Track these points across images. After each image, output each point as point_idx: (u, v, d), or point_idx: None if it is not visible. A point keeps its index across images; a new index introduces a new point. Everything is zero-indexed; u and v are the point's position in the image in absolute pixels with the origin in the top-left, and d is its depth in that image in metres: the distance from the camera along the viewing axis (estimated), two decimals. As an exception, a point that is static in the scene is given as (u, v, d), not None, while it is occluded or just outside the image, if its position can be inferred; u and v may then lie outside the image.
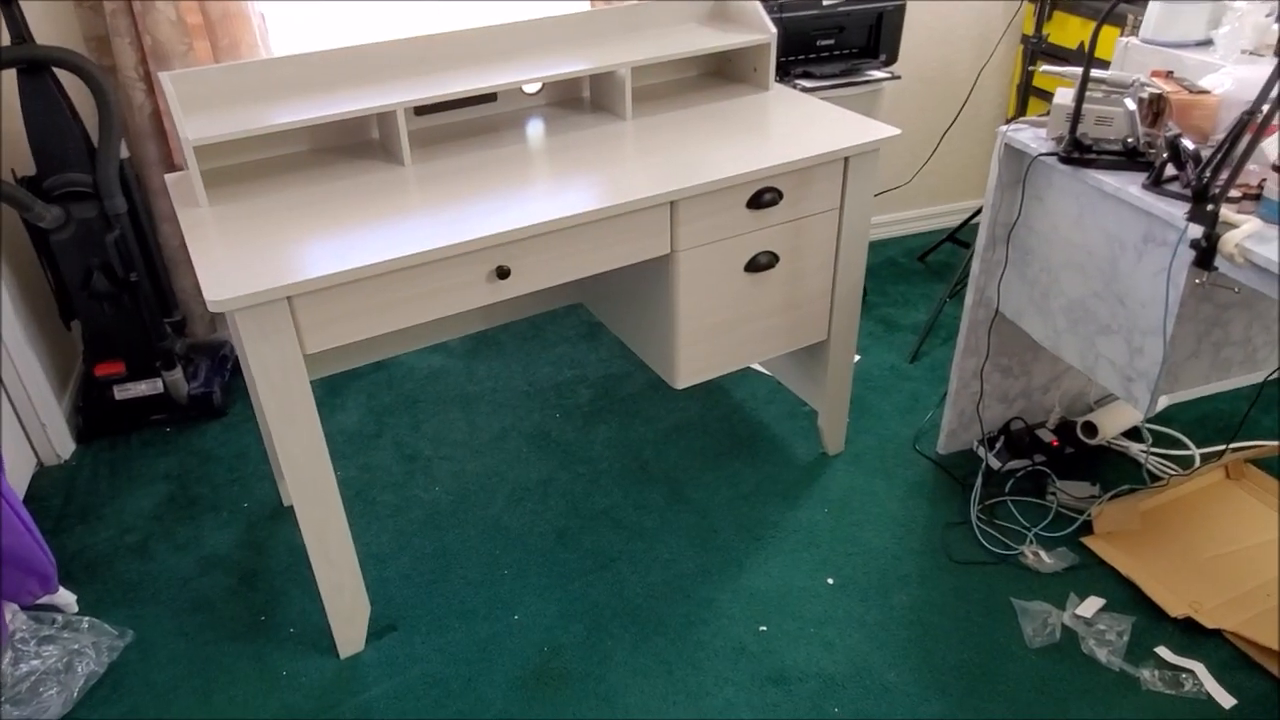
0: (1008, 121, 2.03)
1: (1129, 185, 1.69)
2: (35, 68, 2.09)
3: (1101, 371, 1.88)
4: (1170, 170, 1.67)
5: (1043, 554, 2.04)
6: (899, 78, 2.59)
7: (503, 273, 1.63)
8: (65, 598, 1.92)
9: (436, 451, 2.44)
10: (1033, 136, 1.91)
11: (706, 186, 1.75)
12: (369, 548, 2.13)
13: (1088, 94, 1.79)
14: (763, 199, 1.86)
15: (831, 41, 2.57)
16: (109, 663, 1.84)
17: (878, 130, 1.95)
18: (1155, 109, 1.82)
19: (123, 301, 2.35)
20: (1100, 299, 1.84)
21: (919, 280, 3.18)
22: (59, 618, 1.89)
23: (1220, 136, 1.59)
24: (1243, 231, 1.48)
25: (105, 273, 2.29)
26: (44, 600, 1.89)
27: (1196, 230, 1.54)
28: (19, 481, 2.29)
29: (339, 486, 2.31)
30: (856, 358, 2.76)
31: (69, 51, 2.07)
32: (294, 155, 1.93)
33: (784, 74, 2.54)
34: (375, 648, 1.89)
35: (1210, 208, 1.49)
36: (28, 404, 2.34)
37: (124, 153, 2.30)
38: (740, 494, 2.26)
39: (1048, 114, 1.90)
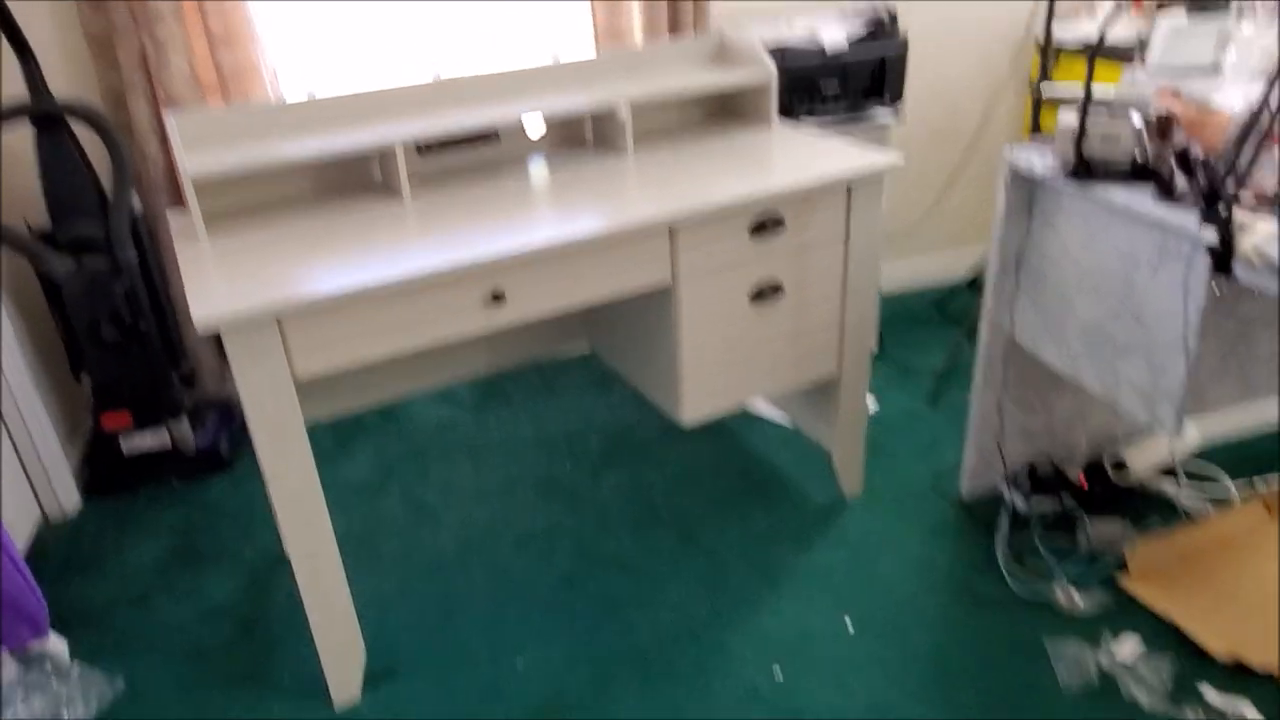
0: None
1: (1139, 199, 1.65)
2: (51, 120, 2.14)
3: (1124, 395, 1.81)
4: (1181, 184, 1.63)
5: (1075, 594, 1.93)
6: (904, 119, 2.59)
7: (499, 297, 1.61)
8: (56, 645, 1.87)
9: (443, 500, 2.39)
10: (1038, 159, 1.88)
11: (706, 211, 1.73)
12: (371, 595, 2.07)
13: (1094, 115, 1.76)
14: (765, 226, 1.84)
15: (835, 85, 2.58)
16: (98, 711, 1.78)
17: (881, 158, 1.93)
18: (1163, 128, 1.78)
19: (131, 351, 2.36)
20: (1117, 319, 1.78)
21: (936, 327, 3.13)
22: (48, 665, 1.83)
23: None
24: (1260, 233, 1.42)
25: (114, 322, 2.30)
26: (34, 647, 1.84)
27: (1212, 237, 1.49)
28: (22, 536, 2.26)
29: (343, 536, 2.26)
30: (873, 403, 2.70)
31: (84, 104, 2.12)
32: (296, 195, 1.94)
33: (788, 116, 2.54)
34: (373, 695, 1.81)
35: (1223, 209, 1.45)
36: (35, 457, 2.33)
37: (136, 205, 2.34)
38: (753, 537, 2.18)
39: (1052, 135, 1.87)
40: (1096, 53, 1.72)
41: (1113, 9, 2.86)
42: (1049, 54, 2.64)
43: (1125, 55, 2.61)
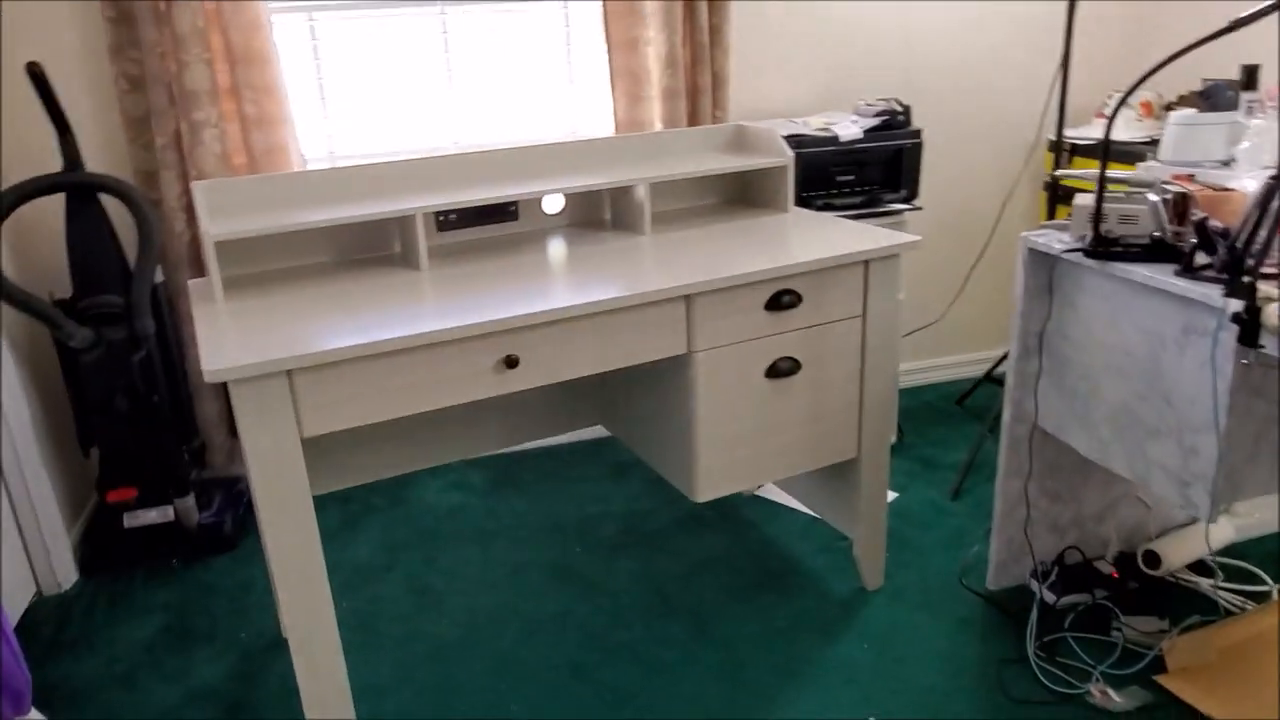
0: (1031, 231, 2.01)
1: (1161, 276, 1.63)
2: (84, 193, 2.19)
3: (1155, 479, 1.74)
4: (1202, 259, 1.61)
5: (1111, 693, 1.82)
6: (920, 208, 2.61)
7: (511, 362, 1.59)
8: (36, 722, 1.78)
9: (449, 585, 2.31)
10: (1056, 239, 1.88)
11: (722, 282, 1.73)
12: (367, 680, 1.97)
13: (1110, 195, 1.77)
14: (781, 300, 1.83)
15: (851, 177, 2.63)
16: (71, 797, 1.67)
17: (897, 237, 1.93)
18: (1180, 207, 1.78)
19: (142, 424, 2.34)
20: (1145, 400, 1.73)
21: (957, 422, 3.08)
22: (25, 744, 1.74)
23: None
24: (1288, 303, 1.39)
25: (128, 393, 2.29)
26: (13, 725, 1.75)
27: (1238, 306, 1.46)
28: (15, 608, 2.19)
29: (343, 618, 2.18)
30: (893, 495, 2.62)
31: (116, 179, 2.18)
32: (315, 265, 1.96)
33: (805, 206, 2.57)
34: (362, 786, 1.70)
35: (1247, 279, 1.42)
36: (35, 530, 2.28)
37: (159, 277, 2.36)
38: (771, 629, 2.08)
39: (1069, 218, 1.87)
40: (1111, 126, 1.74)
41: (1127, 111, 2.93)
42: (1062, 153, 2.68)
43: (1138, 156, 2.65)
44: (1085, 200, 1.82)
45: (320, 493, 2.16)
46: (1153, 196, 1.71)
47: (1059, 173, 2.44)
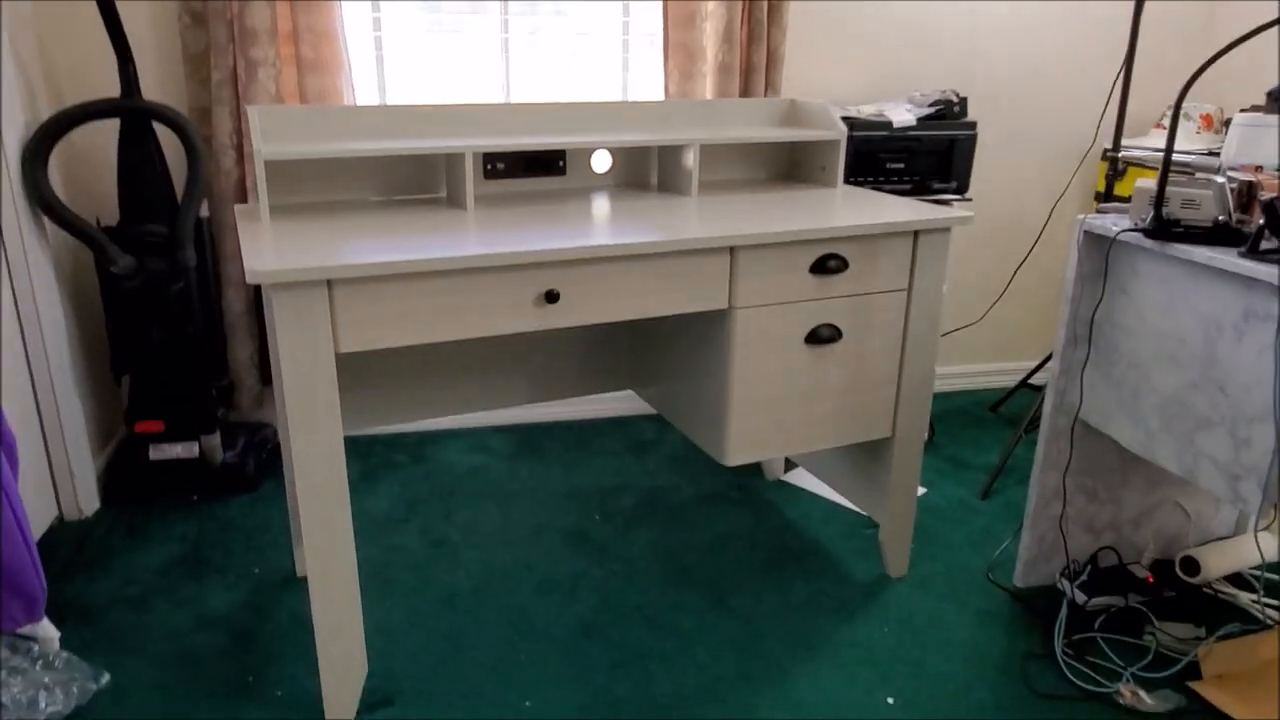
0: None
1: (1223, 256, 1.58)
2: (138, 120, 2.21)
3: (1203, 473, 1.68)
4: (1268, 243, 1.56)
5: (1142, 693, 1.75)
6: (970, 199, 2.57)
7: (552, 296, 1.57)
8: (47, 631, 1.77)
9: (465, 539, 2.28)
10: (1113, 223, 1.83)
11: (768, 237, 1.70)
12: (379, 622, 1.95)
13: (1172, 181, 1.72)
14: (827, 264, 1.79)
15: (901, 164, 2.59)
16: (76, 705, 1.66)
17: (949, 211, 1.89)
18: (1246, 195, 1.73)
19: (174, 357, 2.34)
20: (1197, 390, 1.68)
21: (990, 426, 3.02)
22: (34, 649, 1.73)
23: (1323, 202, 1.49)
24: (1361, 282, 1.34)
25: (163, 325, 2.30)
26: (25, 630, 1.74)
27: (1306, 287, 1.41)
28: (34, 529, 2.19)
29: (359, 564, 2.16)
30: (923, 490, 2.57)
31: (170, 109, 2.19)
32: (362, 201, 1.95)
33: (853, 190, 2.54)
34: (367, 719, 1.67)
35: (1321, 255, 1.37)
36: (62, 453, 2.29)
37: (204, 212, 2.37)
38: (790, 605, 2.04)
39: (1129, 200, 1.83)
40: (1176, 117, 1.69)
41: (1186, 123, 2.87)
42: (1117, 163, 2.62)
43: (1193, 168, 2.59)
44: (1147, 183, 1.78)
45: (347, 432, 2.14)
46: (1219, 179, 1.66)
47: (1124, 155, 2.38)
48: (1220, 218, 1.65)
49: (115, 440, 2.57)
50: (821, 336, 1.85)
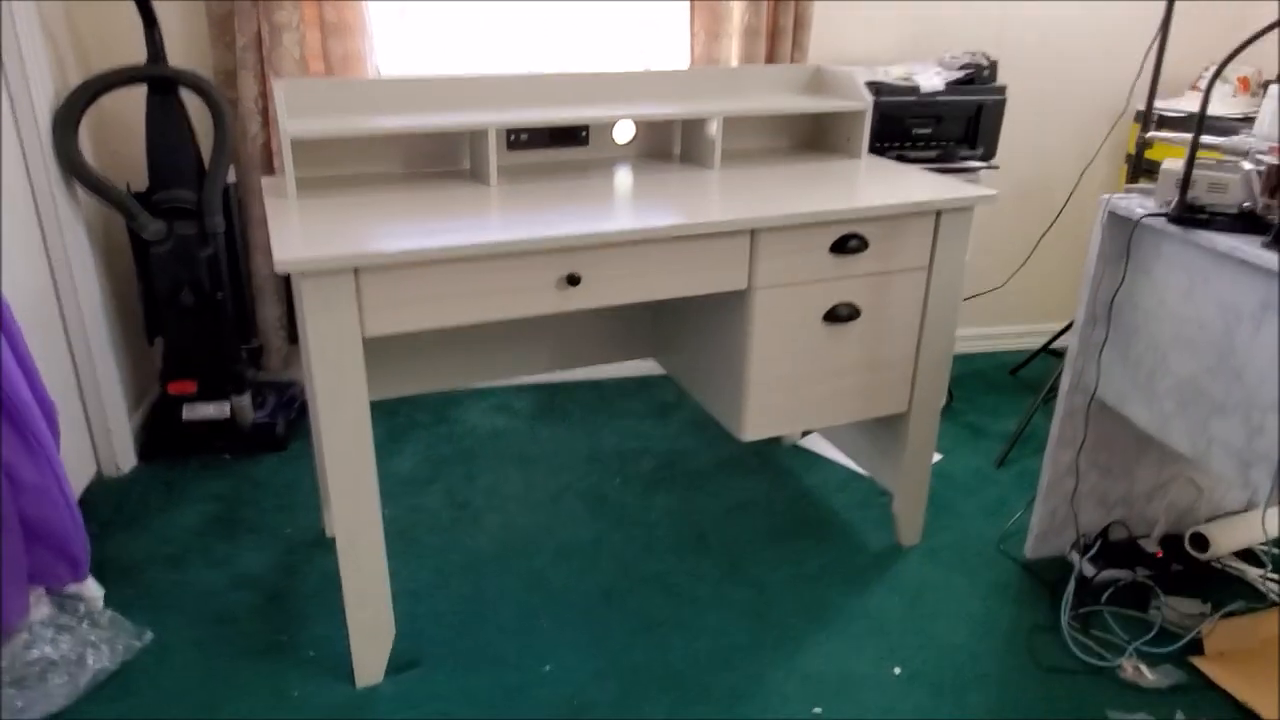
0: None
1: (1247, 246, 1.57)
2: (165, 87, 2.22)
3: (1215, 457, 1.70)
4: (1294, 234, 1.55)
5: (1144, 669, 1.80)
6: (996, 167, 2.54)
7: (573, 280, 1.59)
8: (92, 590, 1.86)
9: (487, 502, 2.35)
10: (1138, 204, 1.82)
11: (789, 219, 1.70)
12: (405, 583, 2.02)
13: (1200, 162, 1.70)
14: (847, 244, 1.80)
15: (928, 130, 2.56)
16: (122, 661, 1.75)
17: (973, 189, 1.89)
18: (1274, 181, 1.71)
19: (205, 320, 2.40)
20: (1213, 376, 1.68)
21: (1009, 392, 3.02)
22: (81, 608, 1.82)
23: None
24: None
25: (194, 288, 2.35)
26: (70, 589, 1.83)
27: (1327, 283, 1.41)
28: (74, 486, 2.28)
29: (385, 525, 2.23)
30: (938, 456, 2.60)
31: (197, 75, 2.21)
32: (385, 174, 1.97)
33: (877, 155, 2.52)
34: (394, 681, 1.75)
35: (1344, 253, 1.36)
36: (100, 412, 2.37)
37: (231, 177, 2.40)
38: (803, 574, 2.09)
39: (1155, 183, 1.81)
40: (1208, 96, 1.66)
41: (1222, 86, 2.80)
42: (1150, 125, 2.57)
43: (1231, 133, 2.54)
44: (1174, 165, 1.76)
45: (372, 398, 2.20)
46: (1246, 165, 1.64)
47: (1151, 135, 2.34)
48: (1246, 204, 1.64)
49: (149, 399, 2.65)
50: (840, 315, 1.86)
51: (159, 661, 1.78)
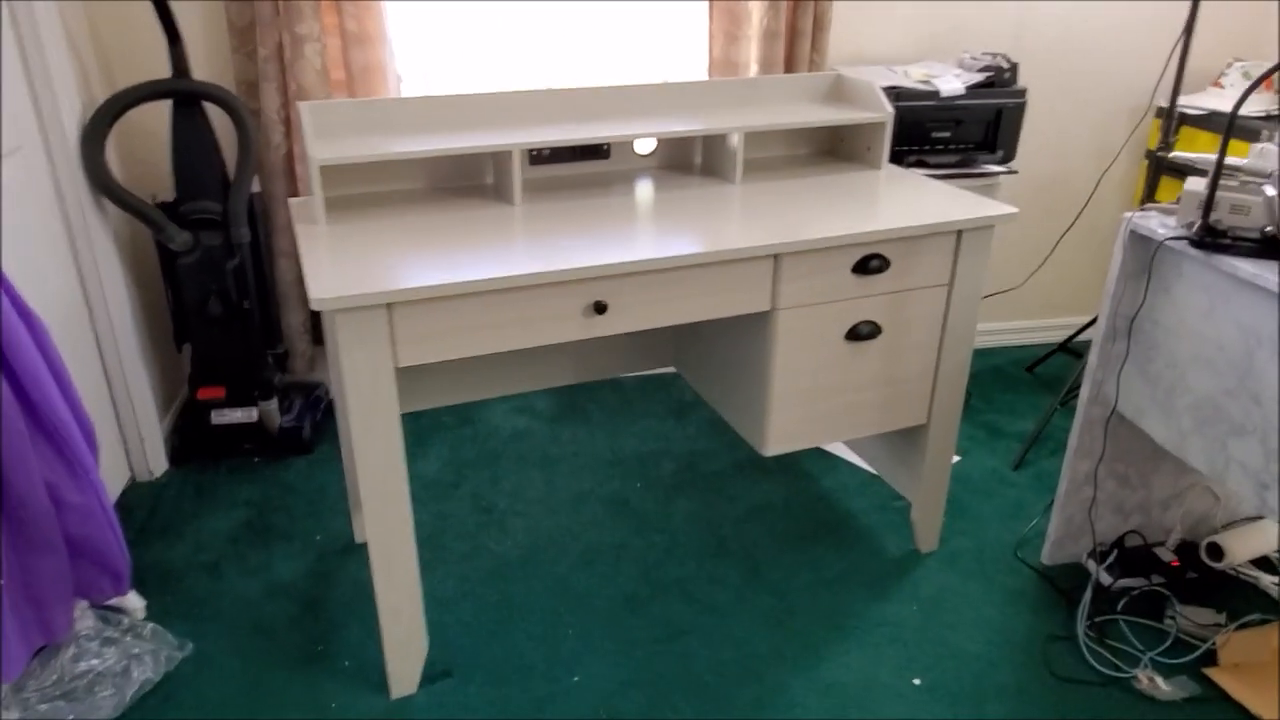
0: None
1: (1267, 273, 1.58)
2: (189, 100, 2.25)
3: (1233, 477, 1.72)
4: (1316, 260, 1.56)
5: (1159, 680, 1.84)
6: (1015, 172, 2.54)
7: (600, 308, 1.62)
8: (134, 601, 1.92)
9: (512, 506, 2.40)
10: (1160, 224, 1.82)
11: (811, 244, 1.72)
12: (434, 591, 2.08)
13: (1222, 184, 1.70)
14: (869, 265, 1.82)
15: (948, 134, 2.56)
16: (165, 672, 1.81)
17: (994, 207, 1.90)
18: (1298, 202, 1.71)
19: (232, 328, 2.44)
20: (1232, 397, 1.70)
21: (1026, 390, 3.04)
22: (124, 620, 1.88)
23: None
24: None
25: (221, 298, 2.39)
26: (113, 601, 1.89)
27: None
28: (111, 490, 2.34)
29: (415, 530, 2.28)
30: (956, 458, 2.63)
31: (221, 88, 2.23)
32: (411, 191, 1.99)
33: (897, 162, 2.52)
34: (428, 691, 1.81)
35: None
36: (132, 419, 2.42)
37: (255, 187, 2.43)
38: (822, 580, 2.13)
39: (1177, 202, 1.82)
40: (1233, 123, 1.67)
41: (1245, 82, 2.79)
42: (1172, 122, 2.56)
43: (1253, 133, 2.53)
44: (1196, 186, 1.76)
45: (400, 411, 2.23)
46: (1270, 190, 1.65)
47: (1175, 155, 2.34)
48: (1269, 229, 1.65)
49: (178, 402, 2.70)
50: (861, 333, 1.88)
51: (200, 672, 1.84)
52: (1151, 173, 2.56)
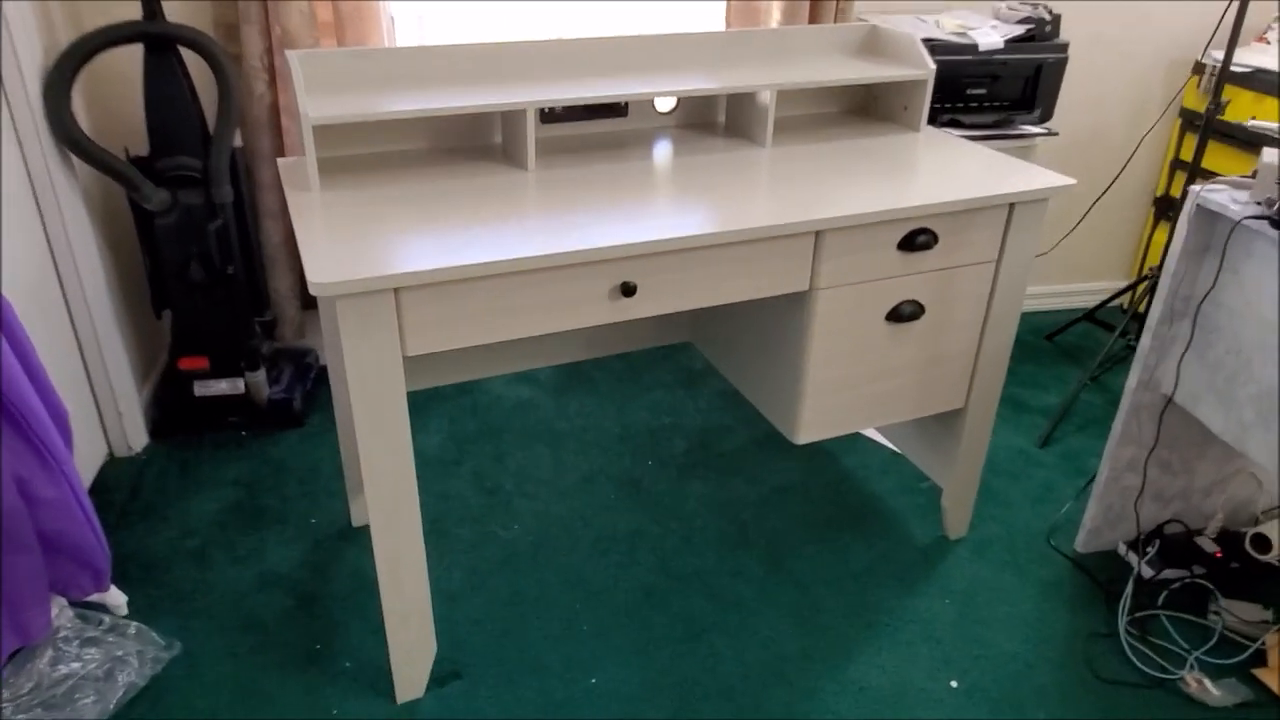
0: (1164, 193, 1.80)
1: (1362, 258, 1.45)
2: (162, 45, 2.04)
3: (1301, 475, 1.61)
4: None
5: (1208, 683, 1.75)
6: (1056, 134, 2.38)
7: (628, 290, 1.46)
8: (116, 597, 1.79)
9: (519, 487, 2.26)
10: (1231, 199, 1.68)
11: (857, 219, 1.57)
12: (440, 584, 1.95)
13: (1305, 155, 1.56)
14: (916, 241, 1.67)
15: (983, 91, 2.39)
16: (151, 675, 1.68)
17: (1049, 178, 1.74)
18: (1387, 178, 1.57)
19: (216, 294, 2.26)
20: (1306, 390, 1.58)
21: (1048, 360, 2.92)
22: (106, 619, 1.74)
23: None
24: None
25: (203, 262, 2.21)
26: (94, 597, 1.75)
27: None
28: (87, 469, 2.18)
29: (413, 513, 2.15)
30: (980, 435, 2.51)
31: (197, 32, 2.02)
32: (412, 152, 1.81)
33: (929, 122, 2.36)
34: (436, 696, 1.69)
35: None
36: (108, 391, 2.25)
37: (238, 142, 2.23)
38: (849, 572, 2.02)
39: (1252, 175, 1.67)
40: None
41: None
42: (1221, 81, 2.40)
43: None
44: (1273, 159, 1.62)
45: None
46: (1365, 166, 1.50)
47: (1253, 123, 2.18)
48: (1360, 208, 1.51)
49: (158, 370, 2.53)
50: (903, 314, 1.74)
51: (189, 675, 1.71)
52: (1200, 136, 2.41)
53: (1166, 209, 3.02)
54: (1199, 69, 2.83)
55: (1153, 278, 2.66)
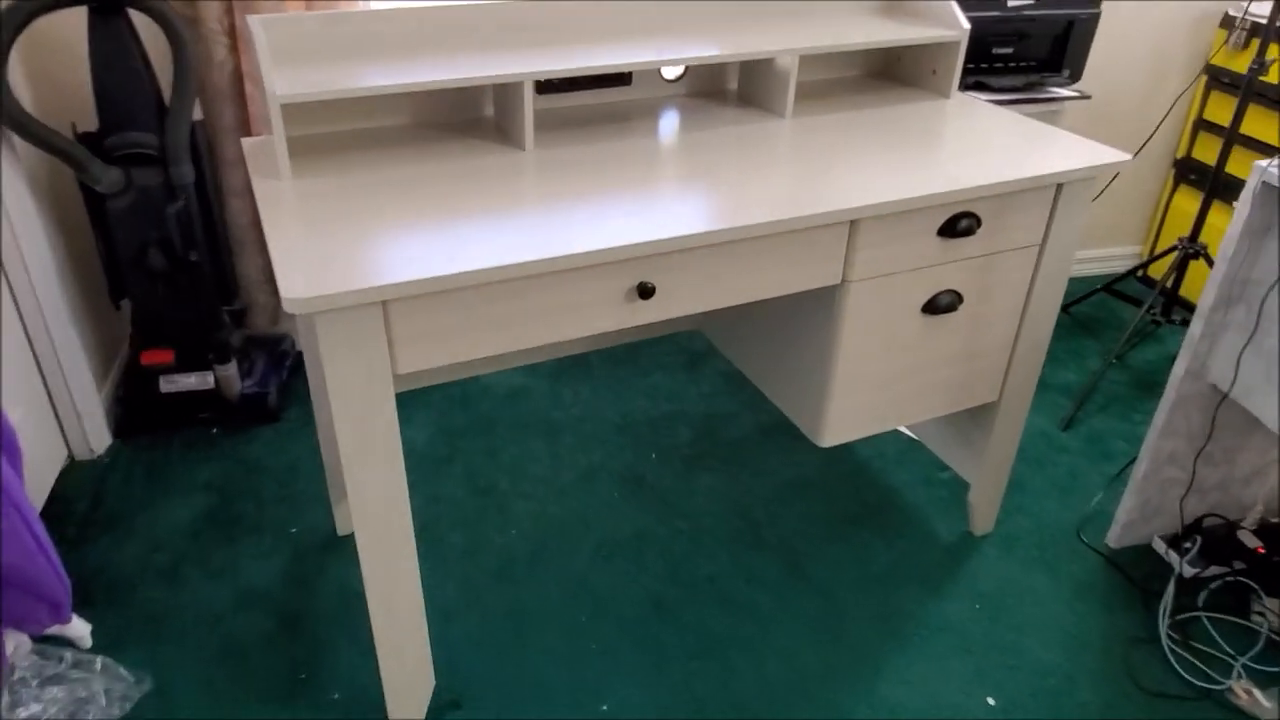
0: (1186, 154, 1.64)
1: None
2: (109, 7, 1.82)
3: (1371, 478, 1.49)
4: None
5: (1258, 694, 1.64)
6: (1089, 97, 2.22)
7: (646, 292, 1.30)
8: (78, 629, 1.62)
9: (514, 486, 2.11)
10: (1302, 176, 1.53)
11: (897, 205, 1.40)
12: (433, 598, 1.80)
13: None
14: (958, 226, 1.51)
15: (1010, 50, 2.21)
16: (120, 716, 1.53)
17: (1100, 153, 1.58)
18: None
19: (179, 283, 2.07)
20: (1381, 387, 1.45)
21: (1065, 334, 2.79)
22: (68, 655, 1.59)
23: None
24: None
25: (163, 248, 2.01)
26: (54, 630, 1.59)
27: None
28: (45, 477, 2.00)
29: (402, 518, 1.99)
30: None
31: (147, -8, 1.80)
32: (394, 128, 1.62)
33: (953, 85, 2.18)
34: (435, 729, 1.56)
35: None
36: (64, 390, 2.07)
37: (197, 114, 2.02)
38: (871, 575, 1.90)
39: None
40: None
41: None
42: (1268, 38, 2.24)
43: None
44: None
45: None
46: None
47: (1245, 14, 2.01)
48: None
49: (118, 365, 2.34)
50: (940, 305, 1.59)
51: (162, 712, 1.56)
52: (1240, 100, 2.25)
53: (1188, 172, 2.87)
54: (1228, 22, 2.67)
55: (1183, 249, 2.52)
